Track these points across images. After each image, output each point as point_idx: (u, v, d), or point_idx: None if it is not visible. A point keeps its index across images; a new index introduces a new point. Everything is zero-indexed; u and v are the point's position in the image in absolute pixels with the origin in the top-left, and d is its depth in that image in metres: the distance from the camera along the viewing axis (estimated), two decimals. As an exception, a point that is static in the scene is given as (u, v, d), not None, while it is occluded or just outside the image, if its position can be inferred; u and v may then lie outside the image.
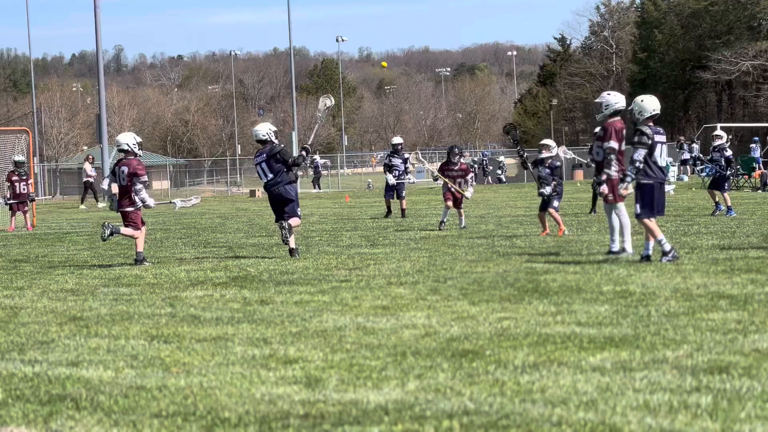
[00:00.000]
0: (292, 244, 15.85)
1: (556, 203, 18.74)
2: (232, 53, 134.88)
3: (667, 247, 13.08)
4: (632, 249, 14.12)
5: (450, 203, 21.38)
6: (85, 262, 16.46)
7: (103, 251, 18.55)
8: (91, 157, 51.12)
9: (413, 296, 10.66)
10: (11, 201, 27.62)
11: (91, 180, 47.62)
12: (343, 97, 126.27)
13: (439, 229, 20.93)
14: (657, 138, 13.16)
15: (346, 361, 7.25)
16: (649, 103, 13.39)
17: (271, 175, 15.91)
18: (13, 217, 27.61)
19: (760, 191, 34.62)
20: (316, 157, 70.50)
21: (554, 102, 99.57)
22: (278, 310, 10.02)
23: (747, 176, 37.69)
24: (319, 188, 63.49)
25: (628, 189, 13.59)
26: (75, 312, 10.37)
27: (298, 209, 16.20)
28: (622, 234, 14.22)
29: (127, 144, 15.98)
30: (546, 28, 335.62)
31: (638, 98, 13.69)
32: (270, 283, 12.42)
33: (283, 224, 15.64)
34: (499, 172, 65.07)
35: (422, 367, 6.93)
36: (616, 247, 14.31)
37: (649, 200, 13.11)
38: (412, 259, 14.87)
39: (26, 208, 27.81)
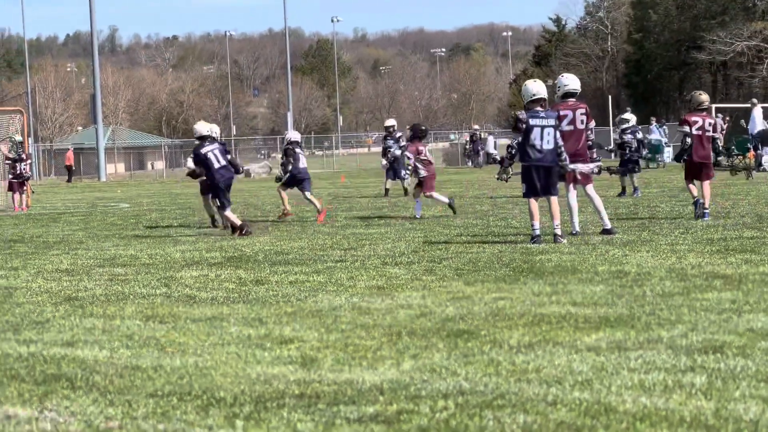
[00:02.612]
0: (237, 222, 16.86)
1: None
2: (227, 33, 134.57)
3: (536, 233, 13.46)
4: (579, 228, 14.69)
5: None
6: (80, 242, 16.44)
7: (98, 231, 18.53)
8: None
9: (408, 276, 10.67)
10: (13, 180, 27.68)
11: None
12: (338, 77, 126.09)
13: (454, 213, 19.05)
14: (535, 122, 13.49)
15: (341, 341, 7.25)
16: (530, 88, 13.76)
17: (224, 163, 17.06)
18: (15, 196, 27.64)
19: (754, 171, 34.61)
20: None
21: (549, 83, 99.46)
22: (273, 290, 10.02)
23: (742, 156, 37.65)
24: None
25: (509, 173, 14.20)
26: (70, 292, 10.37)
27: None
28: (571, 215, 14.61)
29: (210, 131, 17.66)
30: (541, 9, 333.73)
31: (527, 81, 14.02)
32: (265, 263, 12.42)
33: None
34: (495, 152, 64.87)
35: (417, 347, 6.94)
36: (576, 228, 14.66)
37: (527, 181, 13.64)
38: (407, 239, 14.87)
39: (24, 189, 27.85)
